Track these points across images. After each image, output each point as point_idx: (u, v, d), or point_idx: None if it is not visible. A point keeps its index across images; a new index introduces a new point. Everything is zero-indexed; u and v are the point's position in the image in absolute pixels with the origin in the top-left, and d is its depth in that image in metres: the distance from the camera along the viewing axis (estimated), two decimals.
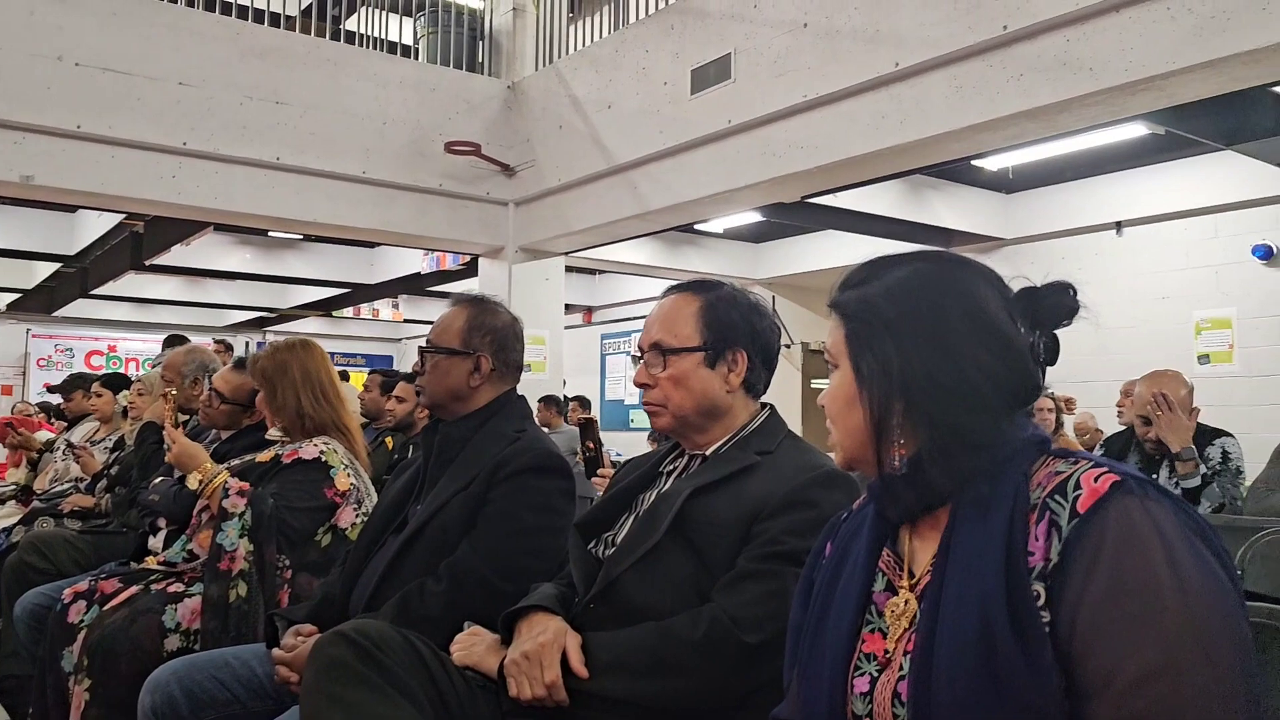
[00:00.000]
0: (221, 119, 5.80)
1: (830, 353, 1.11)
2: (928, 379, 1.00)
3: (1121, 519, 0.89)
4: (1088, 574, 0.89)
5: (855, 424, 1.06)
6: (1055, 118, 4.37)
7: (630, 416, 11.76)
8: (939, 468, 0.99)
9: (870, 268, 1.10)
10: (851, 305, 1.08)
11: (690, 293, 1.64)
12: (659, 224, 6.88)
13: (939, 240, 8.52)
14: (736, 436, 1.58)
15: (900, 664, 0.99)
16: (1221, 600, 0.87)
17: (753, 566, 1.39)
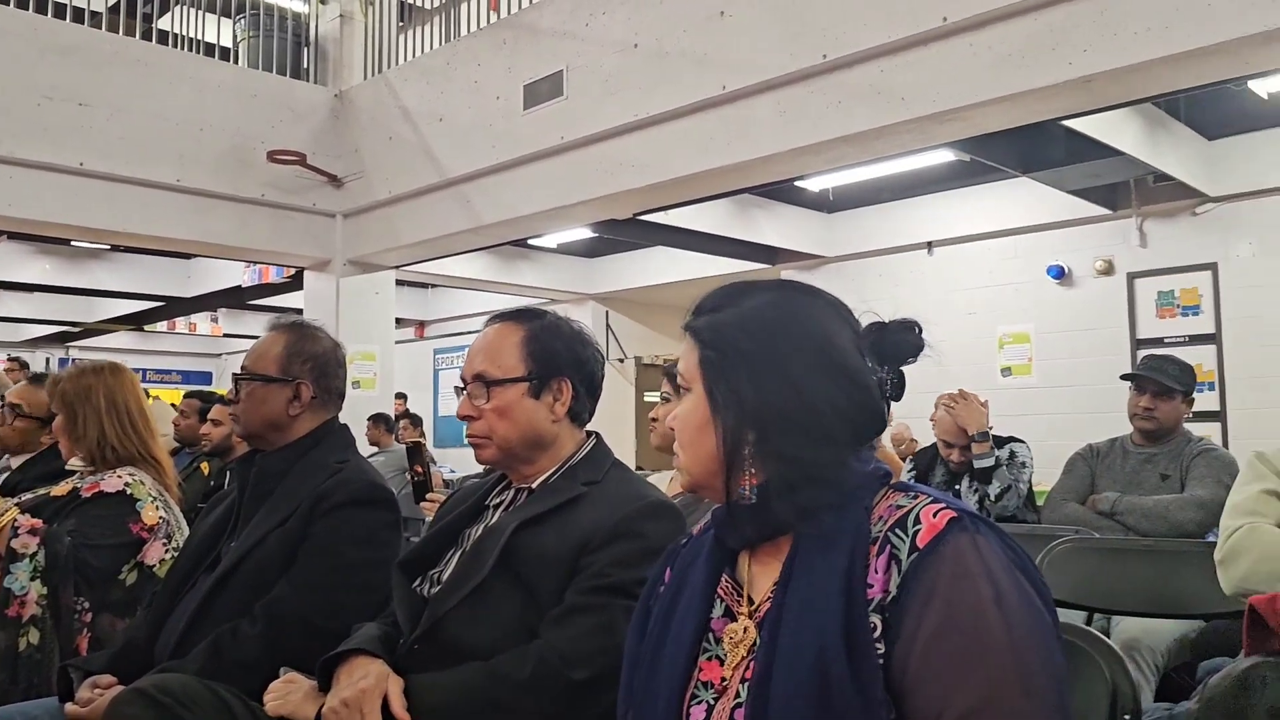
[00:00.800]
0: (18, 120, 5.39)
1: (683, 376, 1.10)
2: (779, 411, 1.01)
3: (956, 555, 0.93)
4: (923, 608, 0.92)
5: (706, 451, 1.05)
6: (872, 143, 4.59)
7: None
8: (786, 499, 1.00)
9: (726, 294, 1.11)
10: (706, 331, 1.08)
11: (513, 322, 1.62)
12: (492, 238, 6.83)
13: (764, 257, 8.80)
14: (564, 467, 1.57)
15: (737, 691, 1.00)
16: (1041, 635, 0.92)
17: (580, 600, 1.38)
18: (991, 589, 0.91)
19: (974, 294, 7.69)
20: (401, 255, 7.01)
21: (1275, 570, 1.63)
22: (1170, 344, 6.82)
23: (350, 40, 7.02)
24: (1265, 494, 1.77)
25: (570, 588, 1.40)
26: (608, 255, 10.20)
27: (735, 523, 1.05)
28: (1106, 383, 6.77)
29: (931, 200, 7.94)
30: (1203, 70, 3.72)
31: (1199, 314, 6.86)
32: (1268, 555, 1.64)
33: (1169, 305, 6.98)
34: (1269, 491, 1.77)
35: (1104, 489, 3.09)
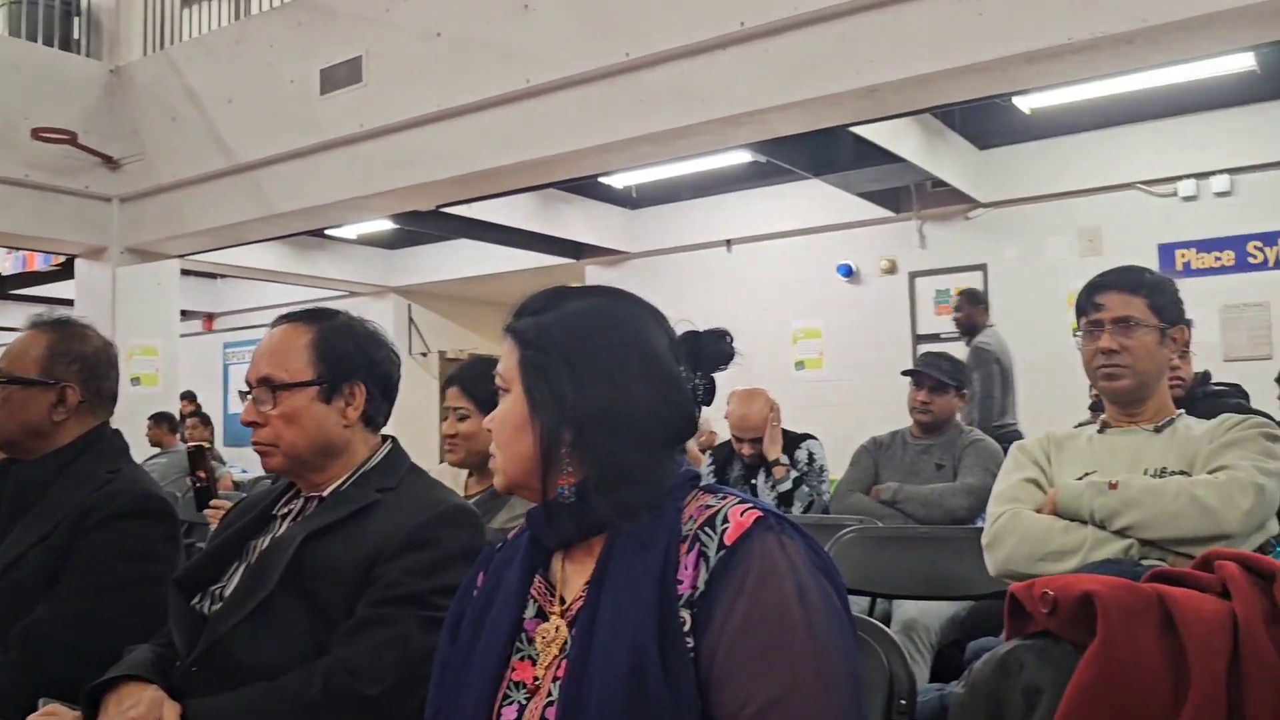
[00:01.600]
0: None
1: (503, 377, 1.10)
2: (598, 412, 1.03)
3: (763, 553, 0.97)
4: (730, 604, 0.96)
5: (523, 450, 1.06)
6: (673, 142, 4.69)
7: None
8: (603, 498, 1.02)
9: (547, 297, 1.12)
10: (528, 333, 1.08)
11: (301, 323, 1.54)
12: (286, 228, 6.54)
13: (570, 252, 8.84)
14: (356, 474, 1.51)
15: (549, 690, 1.00)
16: (839, 631, 0.98)
17: (371, 613, 1.33)
18: (794, 586, 0.96)
19: (770, 290, 8.00)
20: (187, 244, 6.61)
21: (1034, 552, 1.76)
22: (947, 339, 7.31)
23: (128, 12, 6.55)
24: (1025, 482, 1.91)
25: (362, 600, 1.35)
26: (410, 247, 9.98)
27: (553, 522, 1.07)
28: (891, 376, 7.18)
29: (730, 199, 8.20)
30: (975, 85, 4.00)
31: None
32: (1027, 538, 1.78)
33: (945, 303, 7.48)
34: (1029, 479, 1.91)
35: (886, 479, 3.28)
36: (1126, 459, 1.87)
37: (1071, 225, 7.04)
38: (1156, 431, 1.89)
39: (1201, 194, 6.65)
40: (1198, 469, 1.78)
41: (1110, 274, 1.96)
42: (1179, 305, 1.96)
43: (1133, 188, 6.82)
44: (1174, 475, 1.78)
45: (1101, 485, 1.75)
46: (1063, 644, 1.13)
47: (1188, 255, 6.71)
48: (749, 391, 3.53)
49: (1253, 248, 6.54)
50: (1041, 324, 6.49)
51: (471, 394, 2.26)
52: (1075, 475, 1.86)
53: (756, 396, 3.51)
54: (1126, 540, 1.71)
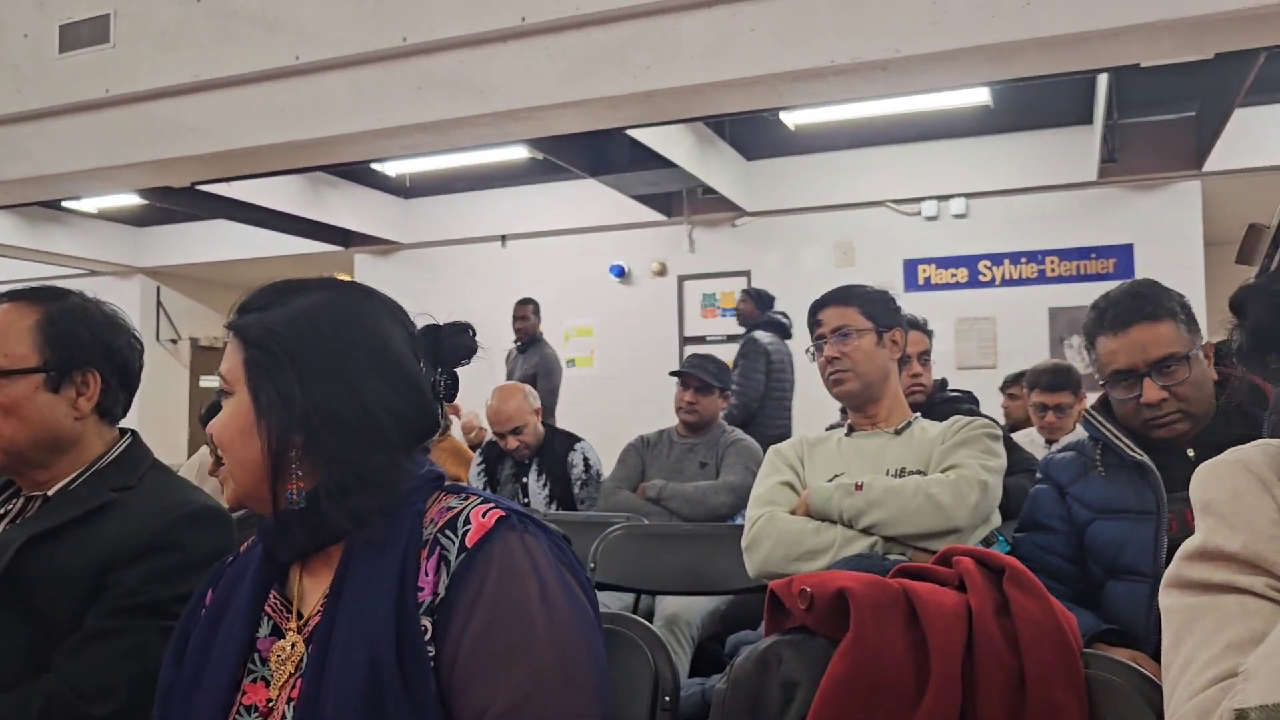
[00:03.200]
0: None
1: (226, 379, 1.03)
2: (329, 413, 0.97)
3: (504, 554, 0.95)
4: (471, 607, 0.93)
5: (250, 456, 0.99)
6: (449, 133, 4.59)
7: None
8: (337, 505, 0.97)
9: (273, 292, 1.05)
10: (253, 330, 1.02)
11: (25, 303, 1.39)
12: (15, 197, 5.91)
13: (338, 239, 8.50)
14: (88, 471, 1.38)
15: (283, 712, 0.95)
16: (583, 629, 0.97)
17: (103, 624, 1.22)
18: (537, 586, 0.95)
19: (544, 287, 7.98)
20: None
21: (789, 553, 1.85)
22: (712, 341, 7.59)
23: None
24: (780, 485, 2.01)
25: (92, 610, 1.23)
26: (160, 225, 9.27)
27: (285, 532, 1.00)
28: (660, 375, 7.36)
29: (507, 194, 8.15)
30: (745, 98, 4.16)
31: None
32: (783, 540, 1.87)
33: (711, 306, 7.76)
34: (784, 483, 2.01)
35: (653, 476, 3.36)
36: (871, 460, 2.00)
37: (828, 237, 7.47)
38: (896, 434, 2.04)
39: (942, 214, 7.24)
40: (932, 467, 1.94)
41: (826, 294, 2.16)
42: (893, 311, 2.15)
43: (883, 205, 7.33)
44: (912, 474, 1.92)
45: (849, 487, 1.87)
46: (818, 638, 1.19)
47: (929, 271, 7.28)
48: (506, 387, 3.54)
49: (983, 266, 7.18)
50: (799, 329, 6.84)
51: None
52: (826, 477, 1.97)
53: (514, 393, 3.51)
54: (872, 538, 1.83)
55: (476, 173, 7.51)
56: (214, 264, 9.31)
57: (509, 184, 8.01)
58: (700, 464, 3.37)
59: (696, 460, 3.39)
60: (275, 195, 7.27)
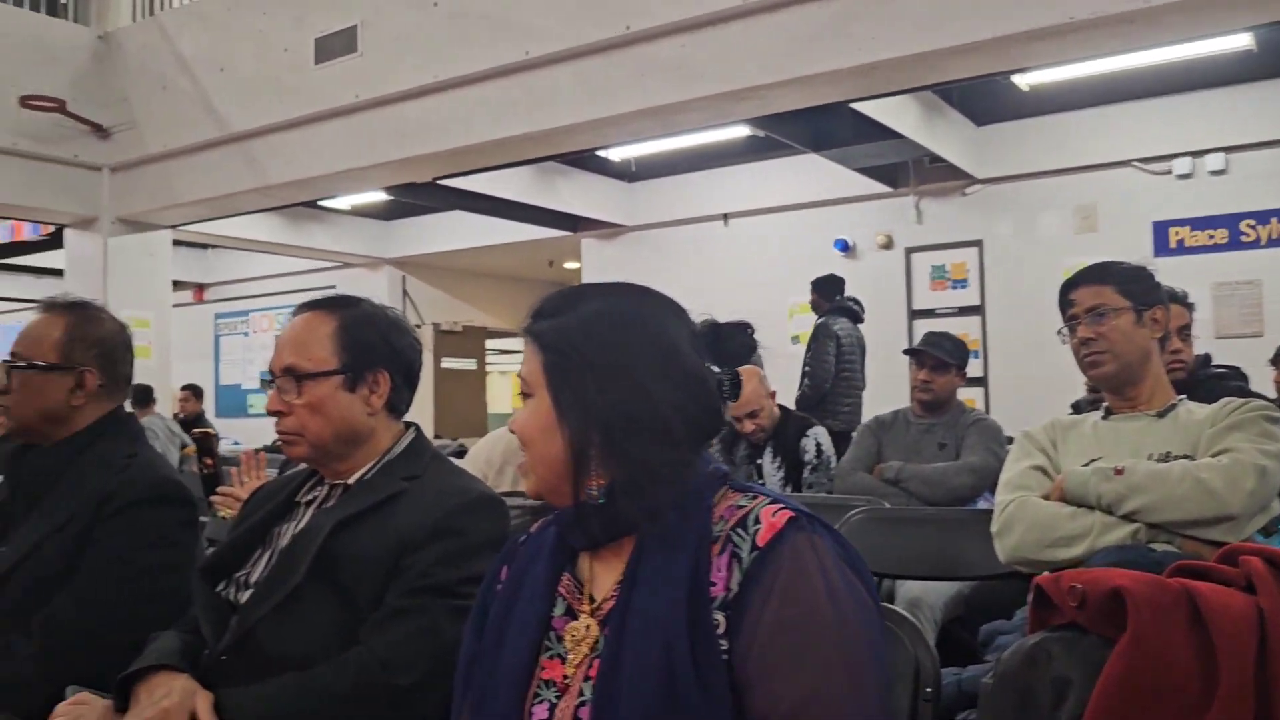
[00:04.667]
0: None
1: (527, 381, 1.10)
2: (624, 415, 1.02)
3: (794, 554, 0.98)
4: (762, 605, 0.96)
5: (552, 454, 1.06)
6: (671, 117, 4.66)
7: (248, 402, 11.00)
8: (631, 500, 1.01)
9: (565, 299, 1.11)
10: (549, 337, 1.08)
11: (324, 311, 1.53)
12: (281, 199, 6.50)
13: (566, 225, 8.79)
14: (381, 462, 1.51)
15: (580, 689, 1.01)
16: (869, 629, 0.98)
17: (401, 603, 1.33)
18: (825, 586, 0.97)
19: (766, 264, 7.98)
20: (180, 214, 6.56)
21: (1042, 538, 1.78)
22: (941, 315, 7.34)
23: None
24: (1032, 469, 1.93)
25: (390, 590, 1.35)
26: (404, 218, 9.91)
27: (582, 524, 1.07)
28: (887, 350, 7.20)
29: (728, 173, 8.17)
30: (975, 64, 3.99)
31: (966, 287, 7.41)
32: (1036, 525, 1.80)
33: (941, 278, 7.49)
34: (1035, 467, 1.94)
35: (889, 458, 3.30)
36: (1130, 444, 1.89)
37: (1067, 202, 7.04)
38: (1159, 417, 1.92)
39: (1196, 172, 6.65)
40: (1200, 453, 1.81)
41: (1079, 272, 2.04)
42: (1153, 288, 2.01)
43: (1128, 165, 6.82)
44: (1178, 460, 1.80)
45: (1107, 471, 1.77)
46: (1090, 636, 1.15)
47: (1181, 233, 6.72)
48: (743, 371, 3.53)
49: (1246, 226, 6.55)
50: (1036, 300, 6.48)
51: None
52: (1080, 462, 1.88)
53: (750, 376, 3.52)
54: (1133, 525, 1.73)
55: (698, 153, 7.56)
56: (452, 252, 9.85)
57: (730, 162, 8.02)
58: (939, 445, 3.28)
59: (935, 441, 3.30)
60: (507, 185, 7.60)
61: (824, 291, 6.07)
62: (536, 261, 10.49)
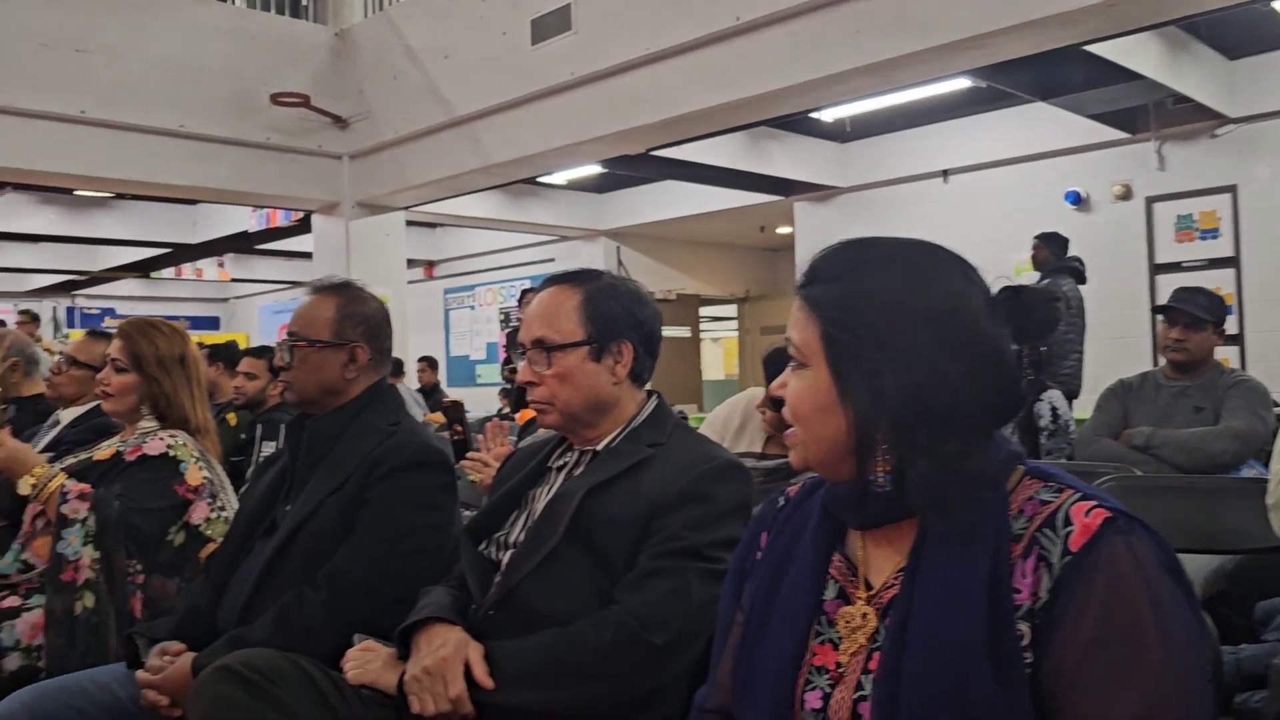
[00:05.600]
0: (15, 69, 5.30)
1: (800, 349, 1.01)
2: (916, 401, 0.94)
3: (1112, 562, 0.88)
4: (1078, 618, 0.88)
5: (830, 432, 0.99)
6: (889, 73, 4.51)
7: (477, 372, 11.60)
8: (921, 488, 0.94)
9: (845, 262, 1.02)
10: (831, 307, 0.99)
11: (569, 285, 1.59)
12: (502, 177, 6.76)
13: (778, 189, 8.70)
14: (626, 429, 1.56)
15: (858, 681, 0.96)
16: (1197, 646, 0.89)
17: (654, 564, 1.38)
18: (1149, 598, 0.88)
19: (989, 222, 7.60)
20: (411, 196, 6.95)
21: None
22: (1188, 268, 6.78)
23: None
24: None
25: (642, 552, 1.40)
26: (618, 190, 10.10)
27: (861, 505, 1.00)
28: (1126, 308, 6.74)
29: (947, 128, 7.83)
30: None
31: (1218, 237, 6.80)
32: None
33: (1188, 229, 6.91)
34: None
35: (1137, 423, 3.08)
36: None
37: None
38: None
39: None
40: None
41: None
42: None
43: None
44: None
45: None
46: None
47: None
48: None
49: None
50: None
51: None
52: None
53: None
54: None
55: (914, 109, 7.28)
56: (665, 221, 9.97)
57: (949, 116, 7.67)
58: (1194, 409, 3.03)
59: (1189, 405, 3.06)
60: (718, 152, 7.59)
61: (1053, 247, 5.74)
62: (748, 227, 10.46)
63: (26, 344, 3.42)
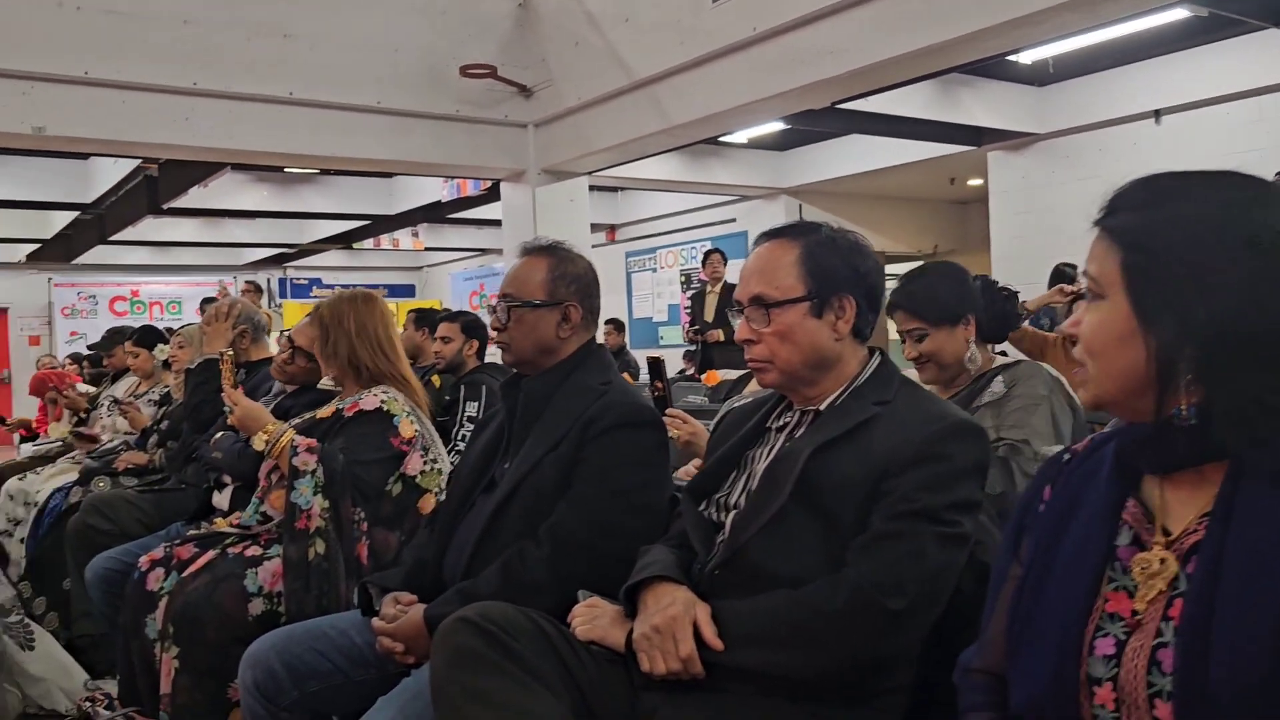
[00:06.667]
0: (230, 57, 5.65)
1: (1097, 280, 0.98)
2: (1230, 329, 0.89)
3: None
4: None
5: (1127, 366, 0.95)
6: (1096, 7, 4.19)
7: (660, 334, 11.70)
8: (1235, 421, 0.89)
9: (1152, 190, 0.98)
10: (1133, 233, 0.96)
11: (786, 239, 1.54)
12: (684, 138, 6.72)
13: (969, 138, 8.30)
14: (850, 387, 1.50)
15: (1158, 629, 0.92)
16: None
17: (888, 527, 1.32)
18: None
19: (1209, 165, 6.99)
20: (594, 161, 7.02)
21: None
22: None
23: None
24: None
25: (874, 514, 1.34)
26: (800, 147, 9.90)
27: (1161, 445, 0.95)
28: None
29: (1160, 64, 7.23)
30: None
31: None
32: None
33: None
34: None
35: None
36: None
37: None
38: None
39: None
40: None
41: None
42: None
43: None
44: None
45: None
46: None
47: None
48: None
49: None
50: None
51: (920, 314, 2.19)
52: None
53: None
54: None
55: (1123, 45, 6.76)
56: (847, 177, 9.70)
57: (1163, 51, 7.08)
58: None
59: None
60: (906, 102, 7.30)
61: None
62: (936, 180, 10.05)
63: (254, 312, 3.66)
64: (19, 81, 4.99)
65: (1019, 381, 2.18)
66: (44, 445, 5.66)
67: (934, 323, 2.21)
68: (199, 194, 8.87)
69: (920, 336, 2.21)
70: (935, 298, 2.21)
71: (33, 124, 5.11)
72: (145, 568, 2.47)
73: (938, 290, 2.23)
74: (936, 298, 2.22)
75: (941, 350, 2.21)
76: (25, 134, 5.10)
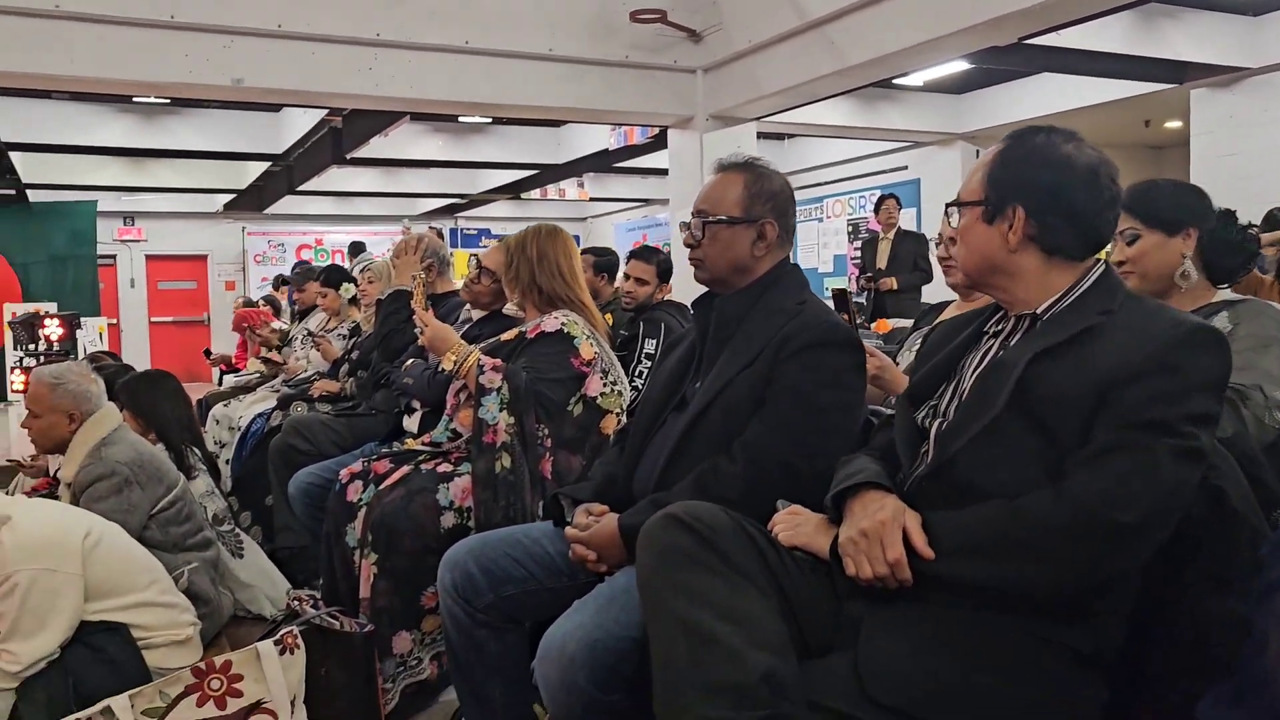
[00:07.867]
0: (411, 6, 5.82)
1: None
2: None
3: None
4: None
5: None
6: None
7: (824, 285, 11.50)
8: None
9: None
10: None
11: (999, 144, 1.49)
12: (858, 80, 6.52)
13: (1170, 75, 7.71)
14: (1070, 295, 1.41)
15: None
16: None
17: (1116, 438, 1.24)
18: None
19: None
20: (764, 106, 6.90)
21: None
22: None
23: None
24: None
25: (1099, 425, 1.27)
26: (980, 89, 9.44)
27: None
28: None
29: None
30: None
31: None
32: None
33: None
34: None
35: None
36: None
37: None
38: None
39: None
40: None
41: None
42: None
43: None
44: None
45: None
46: None
47: None
48: None
49: None
50: None
51: (1134, 212, 2.01)
52: None
53: None
54: None
55: None
56: (1031, 120, 9.17)
57: None
58: None
59: None
60: (1104, 36, 6.81)
61: None
62: (1131, 122, 9.40)
63: (440, 246, 3.82)
64: (221, 35, 5.29)
65: (1244, 319, 1.99)
66: (244, 377, 6.07)
67: (1147, 223, 2.01)
68: (379, 144, 9.22)
69: (1132, 238, 2.01)
70: (1153, 199, 2.02)
71: (233, 76, 5.41)
72: (345, 480, 2.61)
73: (1158, 192, 2.04)
74: (1154, 199, 2.03)
75: (1147, 257, 2.01)
76: (225, 85, 5.42)
